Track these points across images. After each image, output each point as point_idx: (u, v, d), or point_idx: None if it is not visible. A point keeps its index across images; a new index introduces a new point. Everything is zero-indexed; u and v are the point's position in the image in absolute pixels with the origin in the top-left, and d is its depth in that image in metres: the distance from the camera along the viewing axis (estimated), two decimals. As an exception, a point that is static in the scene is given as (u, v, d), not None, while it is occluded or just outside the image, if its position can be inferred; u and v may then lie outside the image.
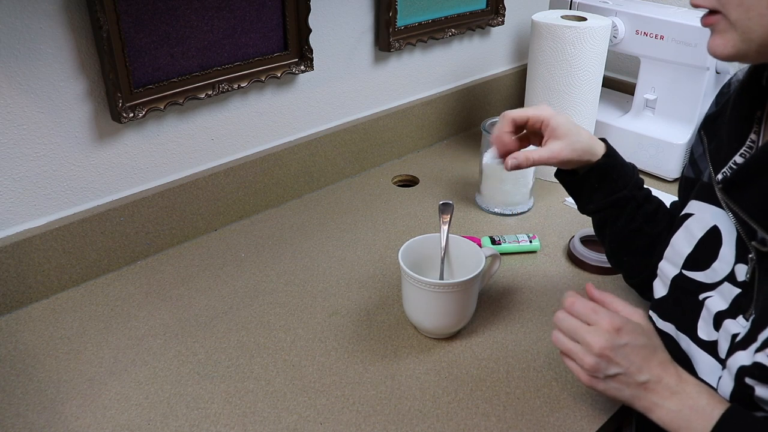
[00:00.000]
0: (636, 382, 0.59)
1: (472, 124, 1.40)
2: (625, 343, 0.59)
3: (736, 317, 0.61)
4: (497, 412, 0.70)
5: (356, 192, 1.16)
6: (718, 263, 0.64)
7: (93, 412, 0.71)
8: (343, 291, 0.90)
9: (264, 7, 0.97)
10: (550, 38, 1.08)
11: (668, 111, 1.19)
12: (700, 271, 0.66)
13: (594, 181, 0.77)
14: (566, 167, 0.78)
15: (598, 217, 0.81)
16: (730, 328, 0.61)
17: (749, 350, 0.55)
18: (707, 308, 0.64)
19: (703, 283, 0.65)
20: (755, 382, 0.54)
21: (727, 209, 0.62)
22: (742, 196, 0.59)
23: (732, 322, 0.61)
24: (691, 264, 0.68)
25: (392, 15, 1.13)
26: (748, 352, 0.55)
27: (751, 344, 0.55)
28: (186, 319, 0.85)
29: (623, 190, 0.76)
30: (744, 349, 0.56)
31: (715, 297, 0.64)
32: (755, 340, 0.55)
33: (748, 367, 0.55)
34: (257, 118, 1.05)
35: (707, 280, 0.65)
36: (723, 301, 0.63)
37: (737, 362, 0.56)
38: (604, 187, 0.77)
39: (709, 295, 0.64)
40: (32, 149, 0.83)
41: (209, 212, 1.02)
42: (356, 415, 0.70)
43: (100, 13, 0.79)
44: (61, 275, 0.88)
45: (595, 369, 0.60)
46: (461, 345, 0.80)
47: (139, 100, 0.87)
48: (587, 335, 0.60)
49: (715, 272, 0.65)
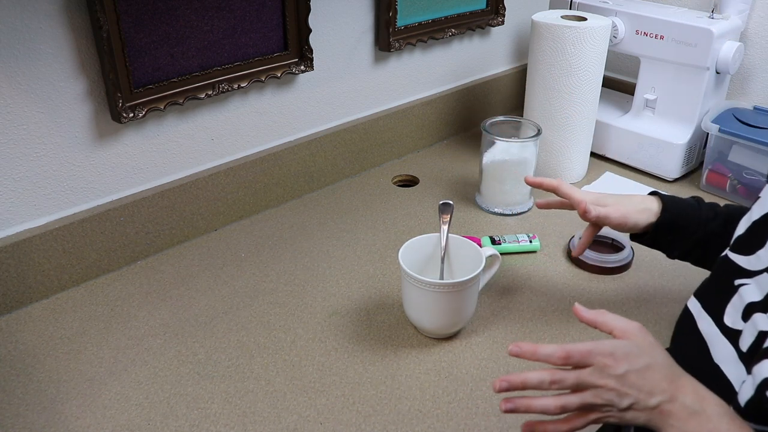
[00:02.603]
0: (649, 407, 0.55)
1: (472, 124, 1.40)
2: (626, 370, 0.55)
3: (767, 312, 0.58)
4: (497, 412, 0.70)
5: (356, 192, 1.16)
6: (764, 251, 0.61)
7: (93, 412, 0.71)
8: (343, 291, 0.90)
9: (264, 7, 0.97)
10: (550, 38, 1.08)
11: (668, 111, 1.19)
12: (743, 255, 0.64)
13: (665, 236, 0.80)
14: (629, 231, 0.81)
15: (691, 260, 0.82)
16: (759, 323, 0.57)
17: None
18: (740, 295, 0.61)
19: (744, 268, 0.63)
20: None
21: None
22: None
23: (762, 317, 0.57)
24: (737, 246, 0.66)
25: (392, 15, 1.13)
26: None
27: None
28: (186, 319, 0.85)
29: (698, 232, 0.78)
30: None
31: (751, 286, 0.61)
32: None
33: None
34: (257, 118, 1.05)
35: (748, 266, 0.62)
36: (759, 292, 0.60)
37: (762, 373, 0.53)
38: (678, 237, 0.79)
39: (745, 283, 0.62)
40: (32, 149, 0.83)
41: (209, 212, 1.02)
42: (356, 415, 0.70)
43: (100, 13, 0.79)
44: (61, 275, 0.88)
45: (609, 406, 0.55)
46: (461, 345, 0.80)
47: (139, 100, 0.87)
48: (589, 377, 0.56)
49: (758, 260, 0.62)
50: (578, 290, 0.90)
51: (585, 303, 0.87)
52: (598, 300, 0.88)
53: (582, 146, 1.17)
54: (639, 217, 0.80)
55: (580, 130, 1.14)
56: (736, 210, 0.78)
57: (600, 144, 1.25)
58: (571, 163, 1.17)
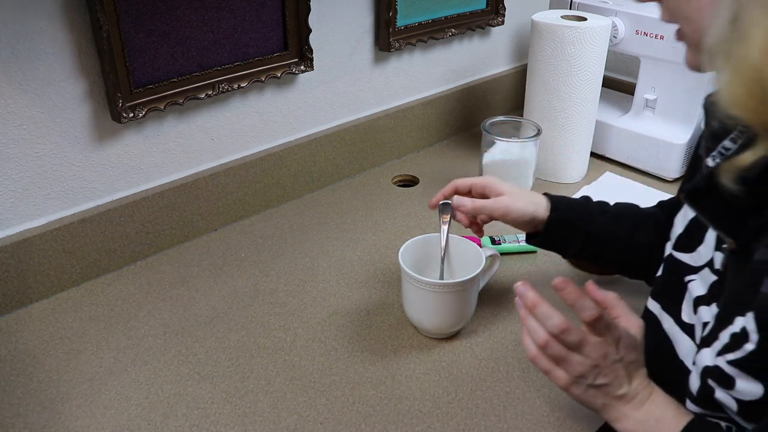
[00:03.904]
0: (615, 394, 0.59)
1: (472, 124, 1.40)
2: (620, 357, 0.59)
3: (710, 305, 0.61)
4: (497, 412, 0.70)
5: (356, 192, 1.16)
6: (703, 247, 0.64)
7: (93, 412, 0.71)
8: (343, 291, 0.90)
9: (264, 7, 0.97)
10: (550, 38, 1.08)
11: (668, 111, 1.19)
12: (686, 252, 0.66)
13: (557, 232, 0.80)
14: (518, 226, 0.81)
15: (587, 257, 0.84)
16: (703, 315, 0.61)
17: (713, 349, 0.55)
18: (689, 291, 0.64)
19: (689, 265, 0.65)
20: (715, 384, 0.55)
21: None
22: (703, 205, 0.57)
23: (706, 309, 0.61)
24: (679, 245, 0.68)
25: (392, 15, 1.13)
26: (711, 351, 0.56)
27: (714, 342, 0.55)
28: (186, 319, 0.85)
29: (589, 227, 0.80)
30: (708, 347, 0.56)
31: (697, 281, 0.64)
32: (717, 339, 0.55)
33: (710, 368, 0.55)
34: (257, 118, 1.05)
35: (692, 263, 0.65)
36: (703, 286, 0.63)
37: (702, 361, 0.56)
38: (570, 233, 0.80)
39: (692, 278, 0.65)
40: (32, 149, 0.83)
41: (209, 212, 1.02)
42: (356, 415, 0.70)
43: (100, 13, 0.79)
44: (61, 275, 0.88)
45: (584, 376, 0.59)
46: (461, 345, 0.80)
47: (139, 100, 0.87)
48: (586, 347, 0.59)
49: (699, 256, 0.64)
50: (578, 290, 0.90)
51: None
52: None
53: (582, 146, 1.17)
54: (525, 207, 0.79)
55: (580, 130, 1.14)
56: (625, 207, 0.82)
57: (600, 144, 1.25)
58: (571, 163, 1.17)
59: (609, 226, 0.80)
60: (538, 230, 0.81)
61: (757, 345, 0.50)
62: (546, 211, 0.80)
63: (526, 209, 0.79)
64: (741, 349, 0.52)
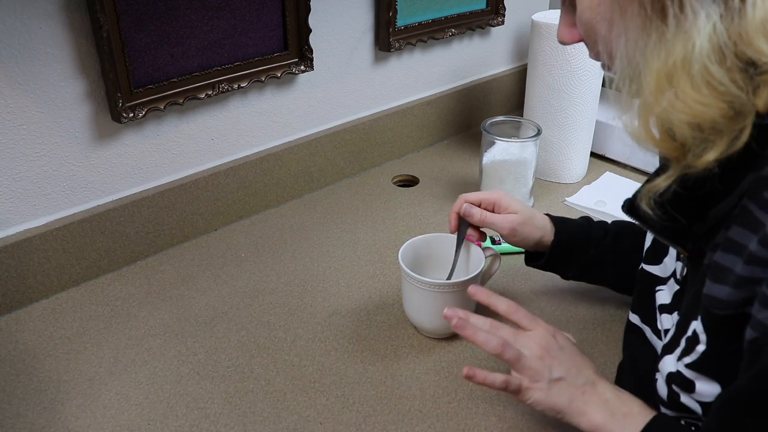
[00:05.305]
0: (576, 384, 0.60)
1: (472, 124, 1.40)
2: (563, 345, 0.61)
3: (672, 313, 0.62)
4: (497, 412, 0.70)
5: (356, 192, 1.16)
6: (668, 258, 0.65)
7: (93, 412, 0.71)
8: (343, 291, 0.90)
9: (264, 7, 0.97)
10: (550, 38, 1.08)
11: (668, 111, 1.19)
12: (655, 264, 0.67)
13: (559, 257, 0.81)
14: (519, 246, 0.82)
15: (588, 280, 0.84)
16: (664, 323, 0.62)
17: (674, 355, 0.56)
18: (657, 301, 0.65)
19: (658, 276, 0.66)
20: (679, 389, 0.55)
21: None
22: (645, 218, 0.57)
23: (667, 317, 0.62)
24: (648, 258, 0.69)
25: (392, 15, 1.13)
26: (673, 357, 0.56)
27: (675, 348, 0.56)
28: (186, 319, 0.85)
29: (591, 251, 0.80)
30: (670, 353, 0.56)
31: (664, 291, 0.65)
32: (678, 345, 0.55)
33: (673, 374, 0.55)
34: (257, 118, 1.05)
35: (661, 274, 0.66)
36: (668, 296, 0.63)
37: (665, 368, 0.57)
38: (572, 258, 0.81)
39: (661, 289, 0.66)
40: (32, 149, 0.83)
41: (209, 212, 1.02)
42: (356, 415, 0.70)
43: (100, 13, 0.79)
44: (61, 275, 0.88)
45: (539, 372, 0.59)
46: (461, 345, 0.80)
47: (139, 100, 0.87)
48: (524, 338, 0.62)
49: (665, 267, 0.65)
50: (578, 290, 0.90)
51: (585, 303, 0.87)
52: (598, 300, 0.88)
53: (582, 146, 1.17)
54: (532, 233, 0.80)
55: (580, 130, 1.14)
56: (623, 225, 0.82)
57: (600, 144, 1.24)
58: (571, 163, 1.17)
59: (610, 247, 0.80)
60: (538, 251, 0.82)
61: (707, 345, 0.51)
62: (551, 235, 0.80)
63: (533, 234, 0.80)
64: (694, 352, 0.53)
